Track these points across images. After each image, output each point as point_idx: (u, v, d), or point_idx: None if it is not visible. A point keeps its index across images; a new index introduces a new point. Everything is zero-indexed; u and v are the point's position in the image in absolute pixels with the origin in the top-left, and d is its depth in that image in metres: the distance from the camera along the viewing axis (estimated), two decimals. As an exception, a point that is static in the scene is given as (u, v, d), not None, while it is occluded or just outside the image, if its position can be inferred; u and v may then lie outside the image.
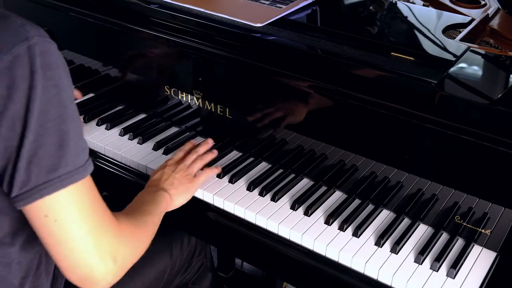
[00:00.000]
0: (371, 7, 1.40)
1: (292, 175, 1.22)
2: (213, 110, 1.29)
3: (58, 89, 0.75)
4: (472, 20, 1.30)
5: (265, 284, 1.75)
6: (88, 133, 1.36)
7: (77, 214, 0.78)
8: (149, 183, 1.14)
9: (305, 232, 1.07)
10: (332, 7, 1.45)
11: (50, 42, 0.75)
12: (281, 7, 1.30)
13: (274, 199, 1.15)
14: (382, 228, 1.08)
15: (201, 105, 1.31)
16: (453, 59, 1.08)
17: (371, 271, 1.00)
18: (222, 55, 1.21)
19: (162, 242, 1.19)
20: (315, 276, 1.05)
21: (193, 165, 1.19)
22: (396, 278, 0.98)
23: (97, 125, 1.41)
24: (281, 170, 1.24)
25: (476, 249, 1.05)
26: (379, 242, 1.04)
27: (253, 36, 1.20)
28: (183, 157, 1.21)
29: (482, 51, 1.17)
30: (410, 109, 1.00)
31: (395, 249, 1.03)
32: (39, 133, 0.74)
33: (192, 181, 1.16)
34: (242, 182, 1.20)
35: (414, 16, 1.34)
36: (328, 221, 1.09)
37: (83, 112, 1.43)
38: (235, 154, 1.30)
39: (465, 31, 1.22)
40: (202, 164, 1.21)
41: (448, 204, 1.07)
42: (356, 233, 1.06)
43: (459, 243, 1.06)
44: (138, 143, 1.34)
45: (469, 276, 0.99)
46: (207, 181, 1.20)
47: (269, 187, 1.17)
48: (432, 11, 1.40)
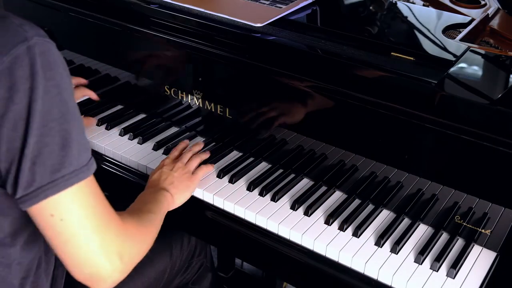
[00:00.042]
0: (371, 7, 1.40)
1: (292, 175, 1.22)
2: (213, 110, 1.29)
3: (59, 89, 0.75)
4: (472, 20, 1.30)
5: (265, 284, 1.75)
6: (88, 133, 1.36)
7: (82, 213, 0.79)
8: (149, 184, 1.14)
9: (305, 232, 1.07)
10: (332, 7, 1.45)
11: (49, 42, 0.75)
12: (281, 7, 1.30)
13: (274, 199, 1.15)
14: (382, 228, 1.08)
15: (201, 105, 1.31)
16: (453, 59, 1.08)
17: (371, 271, 1.00)
18: (222, 55, 1.21)
19: (162, 242, 1.19)
20: (315, 276, 1.05)
21: (190, 163, 1.19)
22: (396, 278, 0.98)
23: (97, 125, 1.41)
24: (281, 170, 1.24)
25: (476, 249, 1.05)
26: (379, 242, 1.04)
27: (253, 36, 1.20)
28: (178, 156, 1.22)
29: (482, 51, 1.17)
30: (410, 109, 1.00)
31: (395, 249, 1.03)
32: (42, 134, 0.74)
33: (191, 179, 1.16)
34: (242, 182, 1.20)
35: (414, 16, 1.34)
36: (328, 221, 1.09)
37: (83, 112, 1.43)
38: (235, 154, 1.30)
39: (465, 31, 1.22)
40: (199, 161, 1.21)
41: (448, 204, 1.07)
42: (356, 233, 1.06)
43: (459, 243, 1.06)
44: (138, 143, 1.34)
45: (469, 276, 0.99)
46: (207, 181, 1.20)
47: (269, 187, 1.17)
48: (432, 11, 1.40)
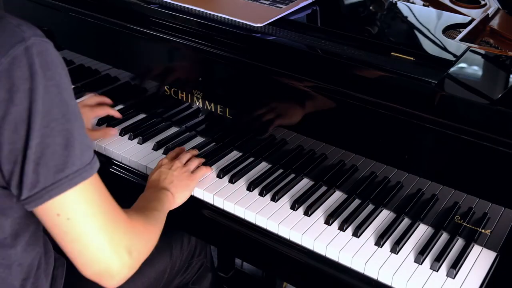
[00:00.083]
0: (371, 7, 1.40)
1: (292, 175, 1.22)
2: (213, 110, 1.29)
3: (59, 89, 0.75)
4: (472, 20, 1.30)
5: (265, 284, 1.75)
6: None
7: (89, 211, 0.79)
8: (149, 184, 1.14)
9: (305, 232, 1.07)
10: (332, 7, 1.45)
11: (47, 42, 0.75)
12: (281, 7, 1.30)
13: (274, 199, 1.15)
14: (382, 228, 1.07)
15: (201, 105, 1.31)
16: (453, 59, 1.08)
17: (371, 271, 1.00)
18: (222, 55, 1.21)
19: (162, 242, 1.18)
20: (315, 276, 1.05)
21: (190, 163, 1.19)
22: (396, 278, 0.98)
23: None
24: (281, 170, 1.24)
25: (476, 249, 1.05)
26: (379, 242, 1.04)
27: (253, 36, 1.20)
28: (176, 157, 1.22)
29: (482, 51, 1.17)
30: (410, 109, 1.00)
31: (395, 249, 1.03)
32: (44, 134, 0.73)
33: (191, 177, 1.16)
34: (242, 182, 1.20)
35: (414, 16, 1.34)
36: (328, 221, 1.09)
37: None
38: (235, 154, 1.30)
39: (465, 31, 1.22)
40: (198, 163, 1.21)
41: (448, 204, 1.07)
42: (356, 233, 1.06)
43: (459, 243, 1.06)
44: (138, 143, 1.33)
45: (469, 276, 0.99)
46: (207, 181, 1.20)
47: (269, 187, 1.17)
48: (432, 11, 1.40)
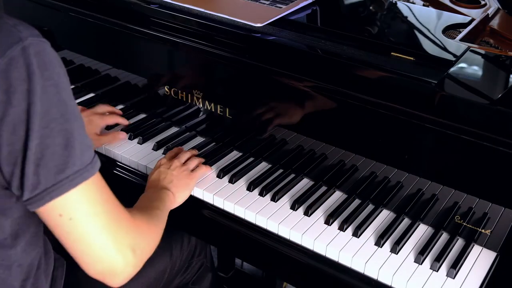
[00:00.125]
0: (371, 7, 1.40)
1: (292, 175, 1.22)
2: (213, 110, 1.29)
3: (58, 88, 0.74)
4: (472, 20, 1.29)
5: (265, 284, 1.75)
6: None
7: (91, 211, 0.79)
8: (149, 184, 1.14)
9: (305, 232, 1.07)
10: (332, 7, 1.45)
11: (44, 42, 0.74)
12: (281, 7, 1.30)
13: (274, 199, 1.14)
14: (382, 228, 1.07)
15: (201, 105, 1.31)
16: (453, 59, 1.08)
17: (371, 271, 1.00)
18: (222, 55, 1.21)
19: (162, 242, 1.18)
20: (315, 276, 1.05)
21: (189, 162, 1.19)
22: (396, 278, 0.98)
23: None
24: (281, 170, 1.24)
25: (476, 249, 1.05)
26: (379, 242, 1.04)
27: (253, 36, 1.20)
28: (174, 156, 1.21)
29: (482, 51, 1.17)
30: (410, 109, 1.00)
31: (395, 249, 1.03)
32: (43, 135, 0.73)
33: (190, 176, 1.16)
34: (242, 182, 1.20)
35: (414, 16, 1.34)
36: (328, 221, 1.09)
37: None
38: (235, 154, 1.30)
39: (465, 31, 1.22)
40: (198, 162, 1.21)
41: (448, 204, 1.07)
42: (356, 233, 1.06)
43: (459, 243, 1.06)
44: (138, 143, 1.33)
45: (469, 276, 0.99)
46: (207, 181, 1.20)
47: (269, 187, 1.17)
48: (432, 11, 1.40)
